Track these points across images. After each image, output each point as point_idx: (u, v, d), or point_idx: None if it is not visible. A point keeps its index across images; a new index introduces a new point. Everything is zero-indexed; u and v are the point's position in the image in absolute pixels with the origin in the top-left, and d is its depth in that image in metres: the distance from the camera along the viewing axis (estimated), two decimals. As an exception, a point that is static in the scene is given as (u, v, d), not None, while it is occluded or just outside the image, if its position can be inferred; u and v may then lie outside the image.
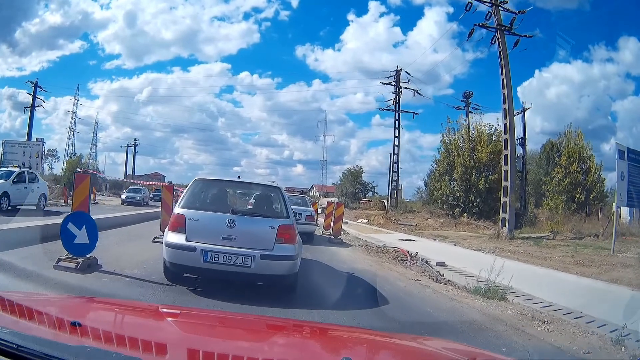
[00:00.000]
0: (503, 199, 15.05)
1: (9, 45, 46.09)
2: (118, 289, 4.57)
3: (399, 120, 26.83)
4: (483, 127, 23.67)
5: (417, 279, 6.53)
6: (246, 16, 59.70)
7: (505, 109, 15.13)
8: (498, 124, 23.70)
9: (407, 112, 27.69)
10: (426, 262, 8.97)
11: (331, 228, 12.41)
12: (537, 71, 48.33)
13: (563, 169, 24.79)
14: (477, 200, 22.38)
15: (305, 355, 1.75)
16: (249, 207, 6.12)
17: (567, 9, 39.54)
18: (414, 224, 20.79)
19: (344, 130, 71.96)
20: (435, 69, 43.61)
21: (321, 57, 53.84)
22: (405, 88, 26.42)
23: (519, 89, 52.14)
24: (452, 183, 23.64)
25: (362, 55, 52.95)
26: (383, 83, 26.79)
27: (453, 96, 60.41)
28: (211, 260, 4.49)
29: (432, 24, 47.99)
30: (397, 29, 54.08)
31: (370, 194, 42.15)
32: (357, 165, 43.81)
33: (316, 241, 11.60)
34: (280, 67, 62.42)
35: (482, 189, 22.24)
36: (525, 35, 16.56)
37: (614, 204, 26.76)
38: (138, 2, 61.23)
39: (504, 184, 15.10)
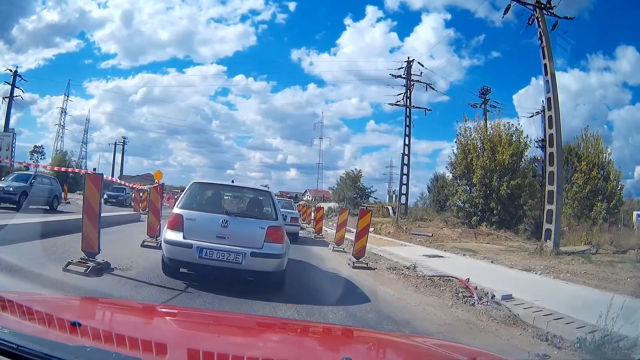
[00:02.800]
0: (548, 207, 12.66)
1: (6, 41, 44.07)
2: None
3: (409, 117, 24.08)
4: (502, 127, 21.43)
5: None
6: (243, 18, 58.30)
7: (549, 99, 12.76)
8: (519, 124, 21.97)
9: (419, 108, 25.08)
10: (493, 297, 6.60)
11: (351, 244, 9.91)
12: (533, 79, 46.83)
13: (583, 174, 22.95)
14: (498, 208, 19.96)
15: (306, 354, 1.72)
16: (241, 209, 6.43)
17: (566, 17, 37.63)
18: (430, 234, 18.26)
19: (338, 136, 70.58)
20: (431, 76, 41.45)
21: (317, 61, 51.69)
22: (417, 82, 23.91)
23: (514, 96, 51.08)
24: (469, 188, 21.20)
25: (358, 60, 51.25)
26: (393, 75, 24.20)
27: (450, 103, 58.59)
28: (206, 257, 4.87)
29: (429, 30, 46.93)
30: (394, 34, 52.63)
31: (366, 199, 39.51)
32: (355, 169, 40.98)
33: (331, 260, 9.58)
34: (275, 70, 60.44)
35: (504, 194, 19.85)
36: (565, 17, 14.27)
37: (634, 212, 25.16)
38: (135, 1, 59.14)
39: (548, 187, 12.70)
